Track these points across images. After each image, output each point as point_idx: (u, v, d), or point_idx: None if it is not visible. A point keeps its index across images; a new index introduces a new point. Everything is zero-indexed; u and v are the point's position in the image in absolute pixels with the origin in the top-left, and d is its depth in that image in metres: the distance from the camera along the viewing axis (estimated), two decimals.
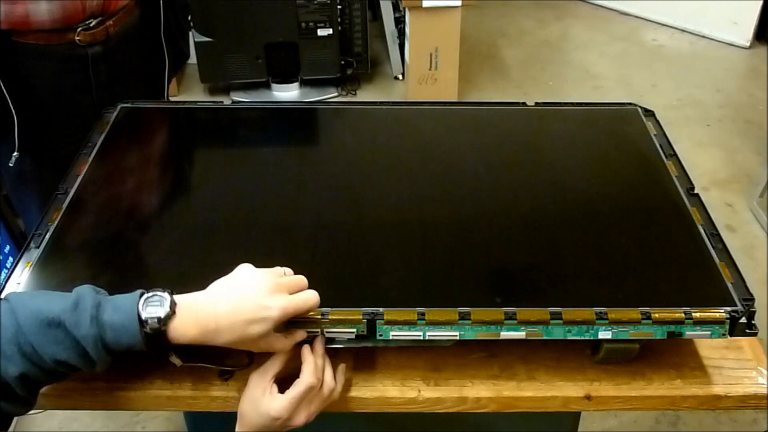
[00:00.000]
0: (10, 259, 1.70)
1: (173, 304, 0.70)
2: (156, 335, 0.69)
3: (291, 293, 0.74)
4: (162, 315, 0.69)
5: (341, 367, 0.81)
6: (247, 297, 0.71)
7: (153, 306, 0.69)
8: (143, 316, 0.69)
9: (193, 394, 0.82)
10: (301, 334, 0.77)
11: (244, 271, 0.74)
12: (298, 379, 0.75)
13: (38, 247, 0.86)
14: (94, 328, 0.67)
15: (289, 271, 0.77)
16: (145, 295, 0.70)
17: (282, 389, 0.75)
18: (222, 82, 2.98)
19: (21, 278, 0.82)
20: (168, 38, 1.37)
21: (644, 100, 1.55)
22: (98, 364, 0.69)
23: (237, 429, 0.77)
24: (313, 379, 0.75)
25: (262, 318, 0.70)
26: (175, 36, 1.40)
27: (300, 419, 0.75)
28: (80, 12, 1.19)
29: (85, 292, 0.70)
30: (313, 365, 0.76)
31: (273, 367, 0.77)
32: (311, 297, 0.75)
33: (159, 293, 0.70)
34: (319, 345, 0.79)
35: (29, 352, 0.66)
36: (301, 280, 0.76)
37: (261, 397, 0.75)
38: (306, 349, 0.78)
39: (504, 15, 3.66)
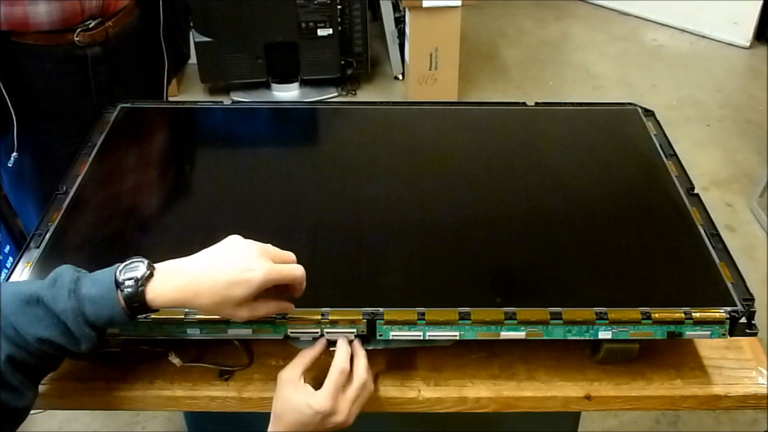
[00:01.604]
0: (10, 259, 1.70)
1: (151, 267, 0.69)
2: (134, 298, 0.68)
3: (277, 263, 0.72)
4: (138, 275, 0.68)
5: (373, 369, 0.81)
6: (231, 259, 0.70)
7: (131, 270, 0.69)
8: (120, 278, 0.68)
9: (193, 394, 0.82)
10: (288, 306, 0.76)
11: (232, 238, 0.73)
12: (330, 369, 0.75)
13: (38, 247, 0.86)
14: (72, 302, 0.66)
15: (278, 249, 0.76)
16: (124, 263, 0.69)
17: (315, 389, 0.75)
18: (222, 82, 2.98)
19: (21, 278, 0.82)
20: (168, 39, 1.37)
21: (644, 100, 1.55)
22: (82, 340, 0.68)
23: (271, 430, 0.75)
24: (344, 364, 0.75)
25: (244, 280, 0.69)
26: (175, 37, 1.40)
27: (343, 412, 0.74)
28: (79, 13, 1.19)
29: (64, 269, 0.69)
30: (344, 352, 0.76)
31: (300, 363, 0.76)
32: (297, 268, 0.73)
33: (136, 259, 0.69)
34: (357, 343, 0.78)
35: (11, 334, 0.66)
36: (290, 255, 0.75)
37: (296, 395, 0.74)
38: (340, 340, 0.78)
39: (504, 15, 3.66)
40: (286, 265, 0.73)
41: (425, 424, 1.04)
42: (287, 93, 2.95)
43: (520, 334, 0.78)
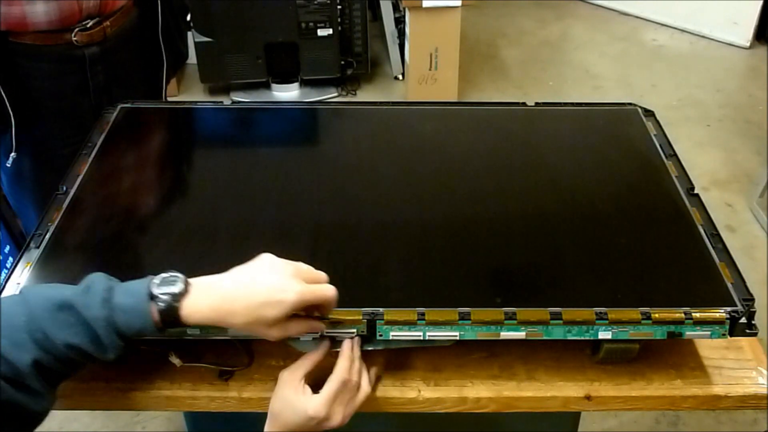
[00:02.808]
0: (10, 259, 1.70)
1: (187, 283, 0.70)
2: (169, 312, 0.68)
3: (310, 283, 0.73)
4: (176, 291, 0.68)
5: (373, 369, 0.81)
6: (265, 279, 0.71)
7: (167, 284, 0.69)
8: (156, 293, 0.68)
9: (193, 394, 0.82)
10: (319, 325, 0.76)
11: (265, 257, 0.74)
12: (331, 376, 0.75)
13: (38, 247, 0.86)
14: (105, 310, 0.67)
15: (311, 268, 0.76)
16: (160, 276, 0.70)
17: (314, 391, 0.75)
18: (222, 82, 2.98)
19: (21, 278, 0.82)
20: (166, 39, 1.37)
21: (644, 100, 1.55)
22: (110, 349, 0.68)
23: (267, 428, 0.76)
24: (347, 375, 0.75)
25: (277, 300, 0.70)
26: (174, 37, 1.40)
27: (337, 419, 0.74)
28: (77, 13, 1.19)
29: (97, 277, 0.70)
30: (348, 361, 0.76)
31: (303, 366, 0.76)
32: (329, 289, 0.74)
33: (174, 273, 0.70)
34: (355, 346, 0.78)
35: (41, 338, 0.66)
36: (322, 275, 0.76)
37: (294, 397, 0.74)
38: (346, 343, 0.78)
39: (504, 15, 3.66)
40: (318, 286, 0.73)
41: (425, 424, 1.04)
42: (287, 93, 2.95)
43: (520, 334, 0.78)
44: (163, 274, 0.70)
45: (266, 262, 0.73)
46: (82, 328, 0.67)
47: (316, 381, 0.76)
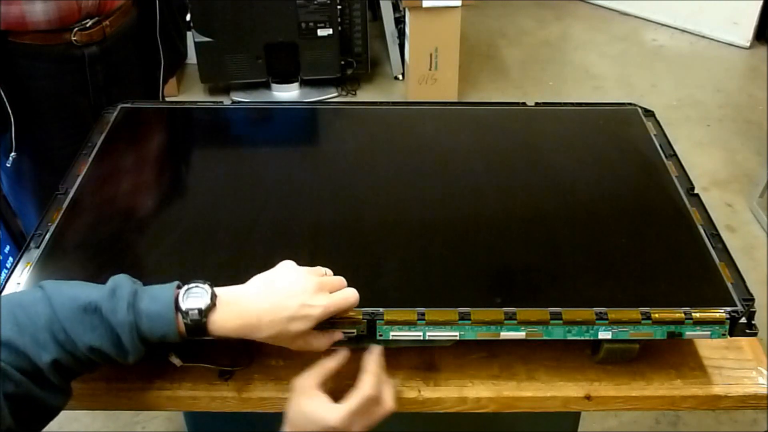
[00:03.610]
0: (10, 259, 1.70)
1: (214, 296, 0.70)
2: (196, 327, 0.69)
3: (331, 292, 0.74)
4: (203, 306, 0.69)
5: (392, 383, 0.79)
6: (291, 295, 0.71)
7: (194, 297, 0.69)
8: (183, 307, 0.69)
9: (193, 394, 0.82)
10: (338, 335, 0.77)
11: (287, 268, 0.74)
12: (356, 389, 0.74)
13: (38, 247, 0.86)
14: (130, 316, 0.67)
15: (329, 271, 0.77)
16: (186, 287, 0.70)
17: (336, 398, 0.74)
18: (222, 82, 2.98)
19: (21, 278, 0.82)
20: (164, 39, 1.37)
21: (644, 100, 1.55)
22: (131, 353, 0.68)
23: (285, 429, 0.75)
24: (373, 391, 0.74)
25: (303, 316, 0.71)
26: (172, 36, 1.40)
27: (357, 429, 0.73)
28: (76, 12, 1.19)
29: (122, 280, 0.70)
30: (374, 377, 0.75)
31: (318, 374, 0.75)
32: (351, 295, 0.74)
33: (200, 285, 0.70)
34: (379, 357, 0.77)
35: (63, 339, 0.66)
36: (341, 280, 0.76)
37: (311, 406, 0.73)
38: (368, 358, 0.77)
39: (504, 15, 3.66)
40: (341, 295, 0.74)
41: (425, 424, 1.04)
42: (287, 93, 2.95)
43: (520, 334, 0.78)
44: (190, 284, 0.70)
45: (290, 275, 0.73)
46: (105, 332, 0.67)
47: (330, 388, 0.75)
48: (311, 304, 0.71)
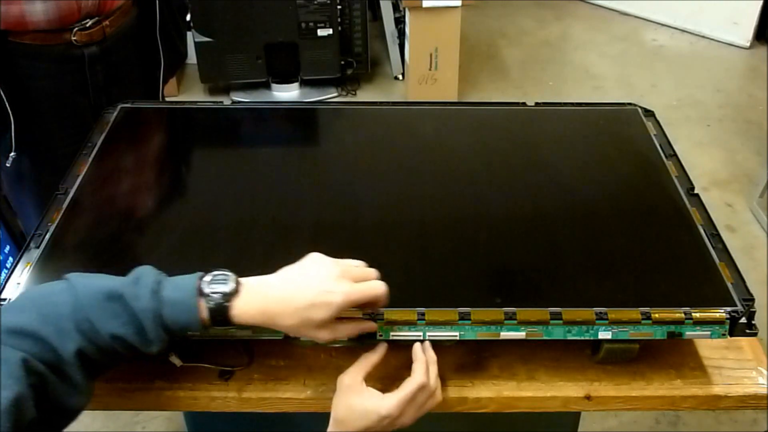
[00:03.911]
0: (10, 259, 1.70)
1: (238, 283, 0.70)
2: (218, 311, 0.69)
3: (358, 282, 0.73)
4: (227, 290, 0.69)
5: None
6: (312, 281, 0.71)
7: (217, 283, 0.69)
8: (206, 291, 0.69)
9: (193, 394, 0.82)
10: (370, 325, 0.76)
11: (314, 258, 0.74)
12: (409, 378, 0.74)
13: (38, 247, 0.86)
14: (153, 302, 0.67)
15: (361, 263, 0.76)
16: (211, 273, 0.70)
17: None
18: (222, 82, 2.98)
19: (21, 278, 0.82)
20: (164, 38, 1.37)
21: (644, 100, 1.55)
22: (154, 342, 0.68)
23: (331, 429, 0.75)
24: (425, 379, 0.74)
25: (324, 302, 0.70)
26: (172, 36, 1.40)
27: (407, 418, 0.74)
28: (76, 12, 1.19)
29: (146, 269, 0.70)
30: (424, 364, 0.76)
31: (362, 368, 0.76)
32: (378, 287, 0.73)
33: (224, 272, 0.70)
34: (428, 348, 0.78)
35: (86, 328, 0.66)
36: (371, 272, 0.75)
37: (362, 401, 0.73)
38: (417, 347, 0.77)
39: (504, 15, 3.66)
40: (366, 285, 0.73)
41: (425, 425, 1.04)
42: (287, 93, 2.95)
43: (520, 334, 0.78)
44: (215, 272, 0.70)
45: (314, 262, 0.73)
46: (129, 319, 0.67)
47: (374, 381, 0.76)
48: (331, 290, 0.70)
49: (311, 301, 0.70)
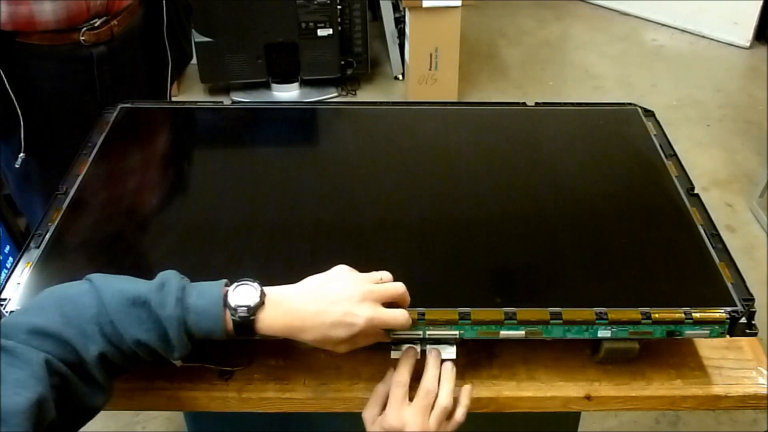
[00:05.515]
0: (10, 259, 1.70)
1: (263, 294, 0.70)
2: (243, 324, 0.69)
3: (383, 301, 0.74)
4: (252, 304, 0.69)
5: (466, 388, 0.79)
6: (337, 301, 0.71)
7: (242, 295, 0.70)
8: (232, 303, 0.69)
9: (193, 394, 0.82)
10: (385, 337, 0.77)
11: (339, 273, 0.74)
12: (437, 402, 0.75)
13: (38, 247, 0.86)
14: (178, 310, 0.67)
15: (386, 275, 0.76)
16: (235, 284, 0.70)
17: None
18: (222, 82, 2.98)
19: (21, 278, 0.82)
20: (171, 38, 1.37)
21: (644, 100, 1.55)
22: (177, 349, 0.68)
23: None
24: (431, 385, 0.75)
25: (347, 323, 0.71)
26: (178, 36, 1.40)
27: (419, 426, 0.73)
28: (84, 12, 1.19)
29: (171, 275, 0.70)
30: (432, 370, 0.76)
31: (376, 402, 0.76)
32: (400, 315, 0.74)
33: (249, 282, 0.70)
34: (432, 356, 0.78)
35: (110, 331, 0.66)
36: (396, 289, 0.75)
37: (382, 425, 0.74)
38: (429, 354, 0.78)
39: (504, 15, 3.66)
40: (389, 313, 0.73)
41: None
42: (287, 93, 2.95)
43: (520, 334, 0.78)
44: (239, 282, 0.71)
45: (340, 278, 0.74)
46: (153, 326, 0.67)
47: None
48: (356, 313, 0.71)
49: (334, 321, 0.70)
